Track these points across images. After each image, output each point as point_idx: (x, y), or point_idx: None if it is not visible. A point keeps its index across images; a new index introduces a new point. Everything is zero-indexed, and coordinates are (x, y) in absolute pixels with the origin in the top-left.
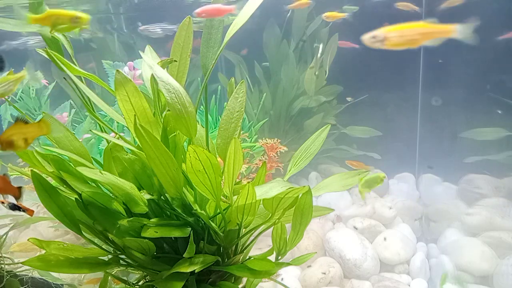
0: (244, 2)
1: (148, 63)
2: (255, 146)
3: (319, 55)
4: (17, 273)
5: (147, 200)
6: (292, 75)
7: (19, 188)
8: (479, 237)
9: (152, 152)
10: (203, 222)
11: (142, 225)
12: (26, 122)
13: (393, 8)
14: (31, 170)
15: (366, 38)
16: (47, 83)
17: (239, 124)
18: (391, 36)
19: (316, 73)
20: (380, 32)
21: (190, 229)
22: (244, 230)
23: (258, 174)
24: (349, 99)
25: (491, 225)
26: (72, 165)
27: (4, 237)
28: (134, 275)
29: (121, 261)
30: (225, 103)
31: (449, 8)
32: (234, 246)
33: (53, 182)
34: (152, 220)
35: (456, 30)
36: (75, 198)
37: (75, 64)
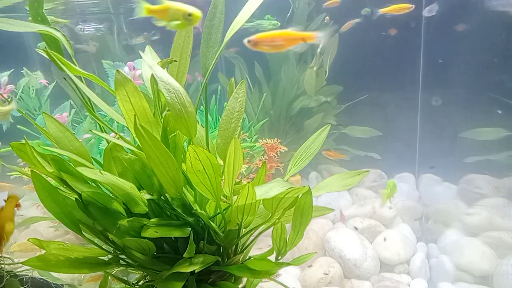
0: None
1: (148, 63)
2: (255, 146)
3: (318, 49)
4: (17, 273)
5: (147, 200)
6: (292, 75)
7: None
8: (479, 237)
9: (152, 152)
10: (203, 222)
11: (142, 225)
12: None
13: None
14: (31, 170)
15: (245, 41)
16: (47, 83)
17: (239, 124)
18: (261, 41)
19: (315, 68)
20: (254, 37)
21: (190, 229)
22: (244, 230)
23: (258, 174)
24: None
25: (491, 225)
26: (72, 165)
27: None
28: (134, 275)
29: (121, 261)
30: (225, 103)
31: (450, 8)
32: (234, 246)
33: (53, 182)
34: (152, 220)
35: (315, 37)
36: (75, 198)
37: (75, 64)
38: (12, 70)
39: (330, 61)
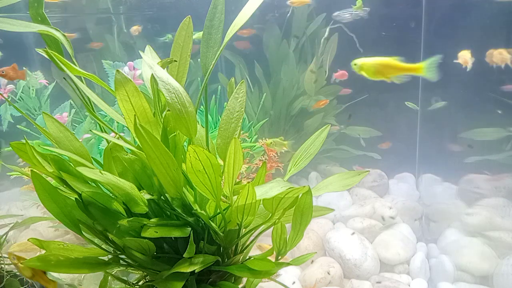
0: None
1: (148, 63)
2: (255, 146)
3: (323, 38)
4: (17, 273)
5: (147, 200)
6: (292, 75)
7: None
8: (479, 237)
9: (152, 152)
10: (203, 222)
11: (142, 225)
12: None
13: (392, 8)
14: (31, 170)
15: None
16: (47, 83)
17: (239, 124)
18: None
19: (315, 70)
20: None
21: (190, 229)
22: (244, 230)
23: (258, 174)
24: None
25: (491, 225)
26: (72, 165)
27: (4, 237)
28: (134, 275)
29: (121, 261)
30: (225, 103)
31: (450, 8)
32: (234, 246)
33: (53, 182)
34: (152, 220)
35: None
36: (75, 198)
37: (75, 64)
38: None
39: (330, 61)
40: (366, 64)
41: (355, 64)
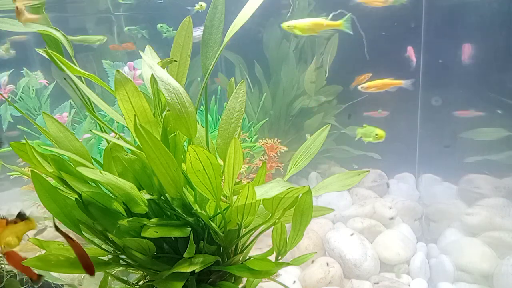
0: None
1: (148, 63)
2: (255, 146)
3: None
4: (17, 273)
5: (147, 200)
6: (292, 75)
7: None
8: (479, 237)
9: (152, 152)
10: (203, 222)
11: (142, 225)
12: (15, 222)
13: (392, 8)
14: (31, 170)
15: None
16: (47, 83)
17: (239, 124)
18: None
19: (315, 69)
20: None
21: (190, 229)
22: (244, 230)
23: (258, 174)
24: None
25: (491, 225)
26: (72, 165)
27: None
28: (134, 275)
29: (121, 261)
30: (225, 103)
31: (450, 7)
32: (234, 246)
33: (53, 182)
34: (152, 220)
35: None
36: (75, 198)
37: (75, 64)
38: (12, 70)
39: (330, 61)
40: (298, 25)
41: (287, 26)
